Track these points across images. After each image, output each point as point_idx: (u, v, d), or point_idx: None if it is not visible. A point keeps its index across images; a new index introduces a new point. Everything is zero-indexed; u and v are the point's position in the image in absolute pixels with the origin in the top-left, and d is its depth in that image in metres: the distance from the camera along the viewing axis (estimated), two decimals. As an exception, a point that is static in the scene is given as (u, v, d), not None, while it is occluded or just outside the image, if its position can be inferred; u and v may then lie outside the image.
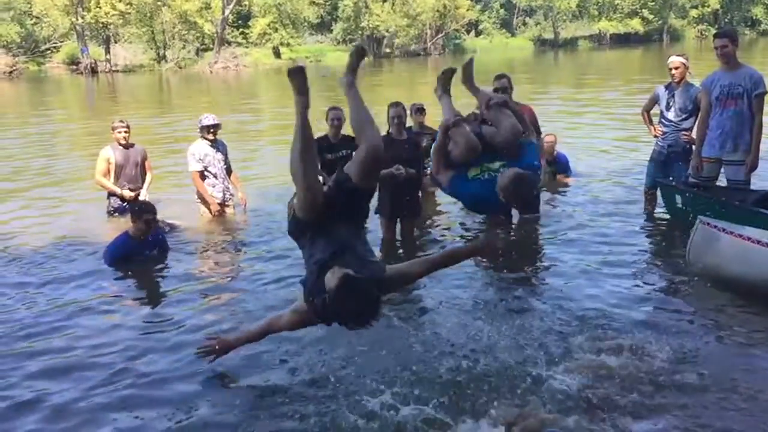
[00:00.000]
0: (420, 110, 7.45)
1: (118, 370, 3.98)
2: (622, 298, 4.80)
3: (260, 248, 6.24)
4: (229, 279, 5.62)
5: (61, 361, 4.17)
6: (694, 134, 6.35)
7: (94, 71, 39.54)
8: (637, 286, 5.05)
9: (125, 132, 7.15)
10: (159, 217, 6.02)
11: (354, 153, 3.58)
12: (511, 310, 4.63)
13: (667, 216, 6.49)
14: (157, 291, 5.40)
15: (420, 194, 6.45)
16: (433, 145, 4.21)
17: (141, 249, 5.80)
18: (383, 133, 6.13)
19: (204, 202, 7.07)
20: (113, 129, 7.21)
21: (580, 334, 4.16)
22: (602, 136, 11.68)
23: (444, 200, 7.67)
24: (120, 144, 7.15)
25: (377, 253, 6.02)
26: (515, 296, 4.91)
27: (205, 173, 7.00)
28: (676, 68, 6.47)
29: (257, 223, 6.98)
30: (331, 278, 2.97)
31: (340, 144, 6.30)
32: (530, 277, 5.36)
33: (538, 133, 6.58)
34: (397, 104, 6.02)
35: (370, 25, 49.42)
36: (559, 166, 8.34)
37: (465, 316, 4.56)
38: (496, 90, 6.33)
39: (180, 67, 41.74)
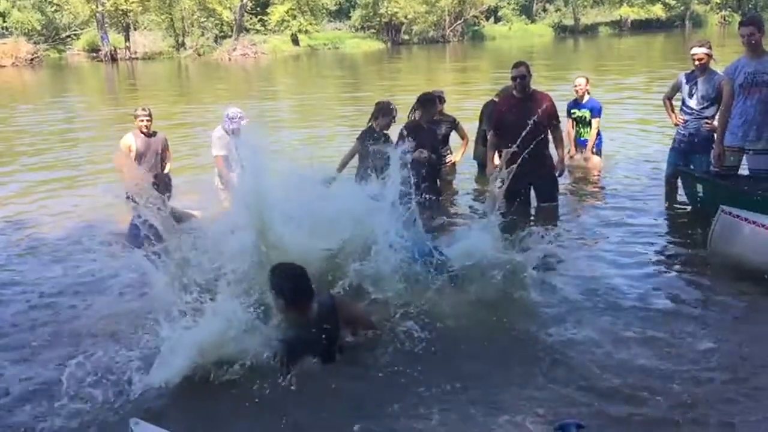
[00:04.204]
0: (439, 98, 7.42)
1: (141, 345, 4.04)
2: (641, 288, 4.75)
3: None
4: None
5: (76, 333, 4.35)
6: (716, 122, 6.27)
7: (114, 59, 39.87)
8: (657, 276, 5.01)
9: (147, 120, 7.18)
10: (176, 205, 6.08)
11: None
12: (524, 302, 4.53)
13: (689, 205, 6.42)
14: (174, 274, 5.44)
15: (438, 183, 6.45)
16: None
17: None
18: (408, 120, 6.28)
19: (226, 188, 7.08)
20: (135, 117, 7.25)
21: (597, 327, 4.11)
22: (624, 123, 11.53)
23: (461, 189, 7.66)
24: (142, 132, 7.19)
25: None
26: (528, 286, 4.75)
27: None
28: (700, 60, 6.32)
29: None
30: None
31: (384, 136, 6.36)
32: (546, 266, 5.17)
33: (558, 121, 6.51)
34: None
35: (389, 12, 49.13)
36: (592, 110, 8.08)
37: (475, 309, 4.41)
38: (513, 78, 6.30)
39: (199, 55, 41.91)
